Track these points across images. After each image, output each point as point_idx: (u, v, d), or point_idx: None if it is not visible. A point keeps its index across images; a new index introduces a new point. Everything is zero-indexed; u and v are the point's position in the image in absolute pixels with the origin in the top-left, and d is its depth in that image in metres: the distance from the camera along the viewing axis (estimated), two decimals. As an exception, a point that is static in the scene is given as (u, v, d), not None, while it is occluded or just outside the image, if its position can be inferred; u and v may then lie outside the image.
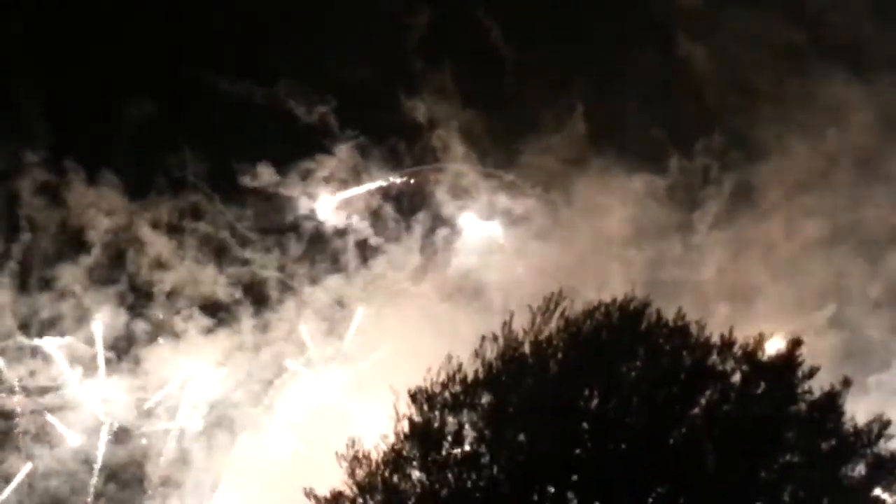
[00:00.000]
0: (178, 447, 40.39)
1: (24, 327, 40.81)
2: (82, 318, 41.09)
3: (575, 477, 20.14)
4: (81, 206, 42.19)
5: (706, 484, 20.06)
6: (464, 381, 20.36)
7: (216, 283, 43.18)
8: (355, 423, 20.64)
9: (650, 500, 20.04)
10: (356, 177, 48.12)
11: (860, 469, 20.10)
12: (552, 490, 19.98)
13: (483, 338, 20.47)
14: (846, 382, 20.33)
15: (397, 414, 20.12)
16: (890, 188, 42.96)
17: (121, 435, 40.07)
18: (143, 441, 39.85)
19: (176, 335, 42.17)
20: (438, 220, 47.85)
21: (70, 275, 41.05)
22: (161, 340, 41.73)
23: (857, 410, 21.00)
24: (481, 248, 47.42)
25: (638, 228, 45.63)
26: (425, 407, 20.20)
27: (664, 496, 20.14)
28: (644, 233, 45.73)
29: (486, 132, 48.64)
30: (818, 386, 21.04)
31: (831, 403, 20.35)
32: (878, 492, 20.30)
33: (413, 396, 20.25)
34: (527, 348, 20.65)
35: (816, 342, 39.10)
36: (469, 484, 19.72)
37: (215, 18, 45.32)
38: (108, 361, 40.72)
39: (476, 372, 20.42)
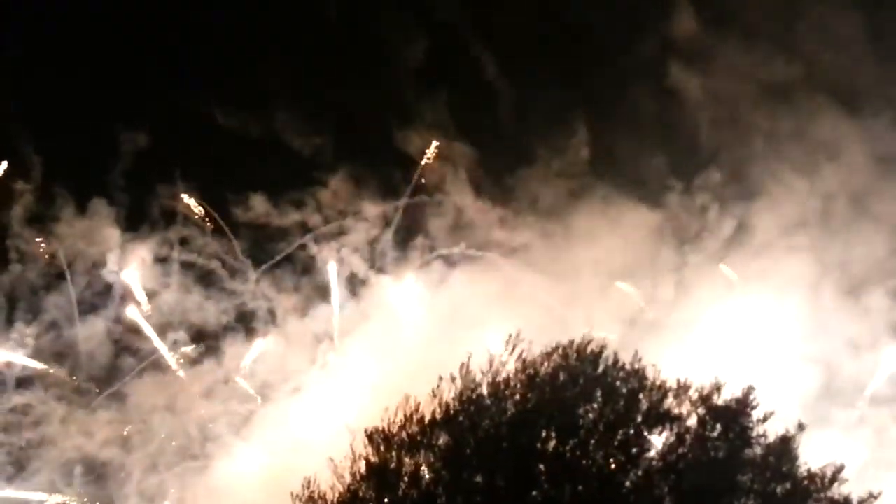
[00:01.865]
0: (155, 480, 40.47)
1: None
2: (67, 350, 41.31)
3: (531, 518, 20.20)
4: (71, 236, 42.47)
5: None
6: (421, 421, 20.46)
7: (204, 314, 43.36)
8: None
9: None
10: (351, 208, 48.31)
11: (815, 511, 20.17)
12: (509, 531, 20.06)
13: (440, 378, 20.61)
14: (801, 427, 20.43)
15: (354, 454, 20.21)
16: (879, 227, 42.95)
17: (98, 468, 40.14)
18: (121, 475, 39.96)
19: (161, 367, 42.42)
20: (433, 252, 47.97)
21: (56, 306, 41.30)
22: (146, 374, 41.93)
23: (817, 445, 21.20)
24: (475, 280, 47.44)
25: (632, 263, 45.64)
26: (382, 447, 20.30)
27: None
28: (637, 268, 45.74)
29: (482, 164, 48.85)
30: (781, 425, 21.20)
31: (786, 447, 20.43)
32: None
33: (370, 437, 20.35)
34: (484, 389, 20.78)
35: (794, 378, 39.34)
36: (425, 525, 19.78)
37: (210, 48, 45.72)
38: (91, 394, 40.94)
39: (433, 412, 20.53)
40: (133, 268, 43.05)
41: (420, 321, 44.51)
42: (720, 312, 42.61)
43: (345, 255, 47.14)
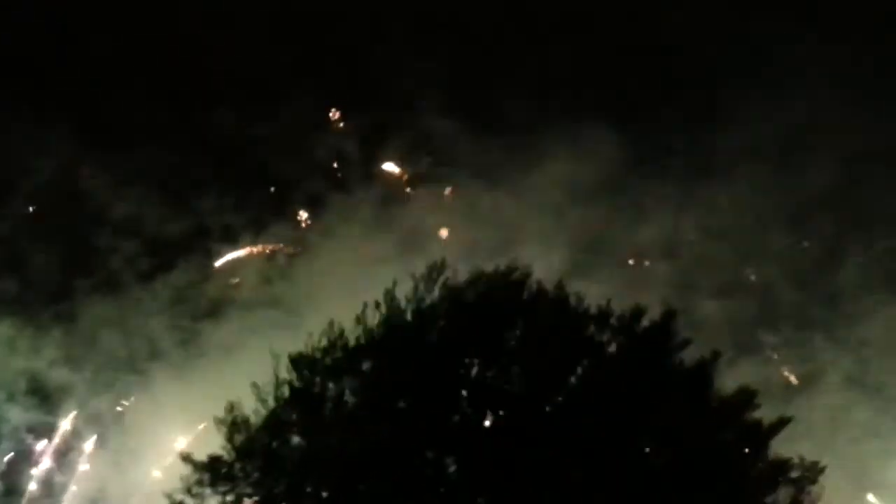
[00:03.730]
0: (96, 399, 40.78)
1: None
2: (18, 263, 41.19)
3: (454, 443, 20.62)
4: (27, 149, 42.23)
5: (583, 449, 20.60)
6: (345, 347, 20.70)
7: (160, 228, 43.41)
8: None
9: (527, 464, 20.55)
10: (316, 126, 48.23)
11: (729, 435, 20.63)
12: (431, 455, 20.47)
13: (365, 304, 20.81)
14: (715, 355, 20.81)
15: (277, 379, 20.46)
16: (833, 156, 43.36)
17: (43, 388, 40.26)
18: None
19: (114, 287, 42.41)
20: (396, 170, 48.01)
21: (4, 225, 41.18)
22: (98, 291, 41.94)
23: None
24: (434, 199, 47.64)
25: (595, 185, 45.87)
26: (306, 372, 20.56)
27: (542, 461, 20.67)
28: (595, 192, 45.98)
29: (450, 81, 48.77)
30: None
31: (702, 374, 20.81)
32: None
33: (294, 362, 20.59)
34: (409, 316, 21.01)
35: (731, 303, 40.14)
36: (348, 449, 20.12)
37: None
38: (41, 317, 40.91)
39: (358, 338, 20.77)
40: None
41: (376, 240, 44.75)
42: (671, 238, 43.28)
43: (306, 171, 47.14)
